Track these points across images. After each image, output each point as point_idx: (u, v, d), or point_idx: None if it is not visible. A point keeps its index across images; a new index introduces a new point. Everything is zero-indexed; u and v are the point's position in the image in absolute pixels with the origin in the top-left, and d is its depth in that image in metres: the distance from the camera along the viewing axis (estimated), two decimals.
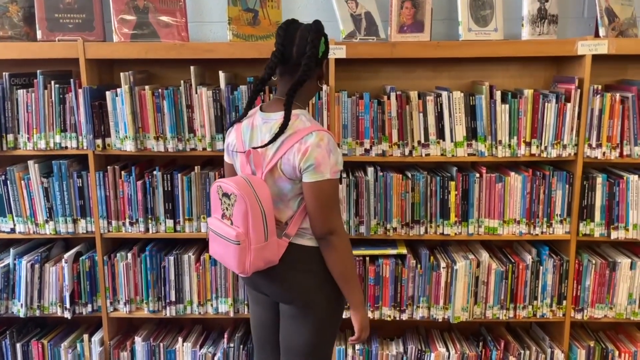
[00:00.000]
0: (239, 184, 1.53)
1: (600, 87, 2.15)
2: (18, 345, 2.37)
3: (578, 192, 2.20)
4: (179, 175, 2.24)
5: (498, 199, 2.24)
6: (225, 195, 1.57)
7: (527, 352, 2.31)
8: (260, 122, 1.61)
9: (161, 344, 2.38)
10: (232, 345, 2.36)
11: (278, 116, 1.57)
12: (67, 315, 2.31)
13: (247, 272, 1.56)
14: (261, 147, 1.56)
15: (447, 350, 2.32)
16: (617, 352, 2.33)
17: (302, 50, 1.54)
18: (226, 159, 1.75)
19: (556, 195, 2.23)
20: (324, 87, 2.14)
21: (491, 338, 2.40)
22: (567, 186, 2.22)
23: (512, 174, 2.22)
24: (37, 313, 2.33)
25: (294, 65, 1.56)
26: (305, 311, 1.65)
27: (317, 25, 1.60)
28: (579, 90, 2.14)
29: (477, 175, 2.22)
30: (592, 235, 2.24)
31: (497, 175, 2.22)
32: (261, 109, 1.64)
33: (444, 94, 2.16)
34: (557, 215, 2.24)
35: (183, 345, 2.37)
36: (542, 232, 2.26)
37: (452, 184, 2.22)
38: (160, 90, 2.18)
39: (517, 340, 2.39)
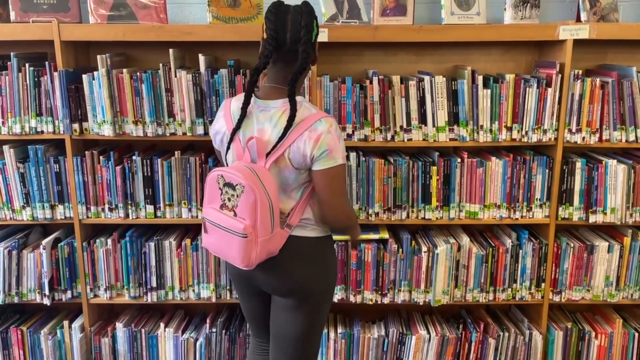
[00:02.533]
0: (245, 173, 1.48)
1: (580, 72, 2.16)
2: None
3: (558, 176, 2.22)
4: (159, 160, 2.21)
5: (479, 183, 2.25)
6: (229, 185, 1.51)
7: (506, 334, 2.35)
8: (257, 109, 1.57)
9: (143, 330, 2.37)
10: (214, 330, 2.36)
11: (278, 104, 1.55)
12: (47, 301, 2.28)
13: (251, 265, 1.53)
14: (278, 141, 1.51)
15: (428, 332, 2.35)
16: (593, 333, 2.38)
17: (297, 36, 1.50)
18: (216, 146, 1.73)
19: (536, 179, 2.24)
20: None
21: (471, 320, 2.43)
22: (547, 171, 2.24)
23: (493, 158, 2.23)
24: (16, 300, 2.30)
25: (288, 52, 1.52)
26: (301, 302, 1.64)
27: (308, 7, 1.55)
28: (559, 75, 2.14)
29: (459, 160, 2.23)
30: (571, 219, 2.27)
31: (478, 160, 2.23)
32: (256, 96, 1.59)
33: (426, 78, 2.15)
34: (536, 199, 2.26)
35: (165, 331, 2.37)
36: (522, 217, 2.28)
37: (434, 168, 2.22)
38: (138, 73, 2.13)
39: (496, 322, 2.43)
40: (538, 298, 2.34)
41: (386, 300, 2.33)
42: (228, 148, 1.63)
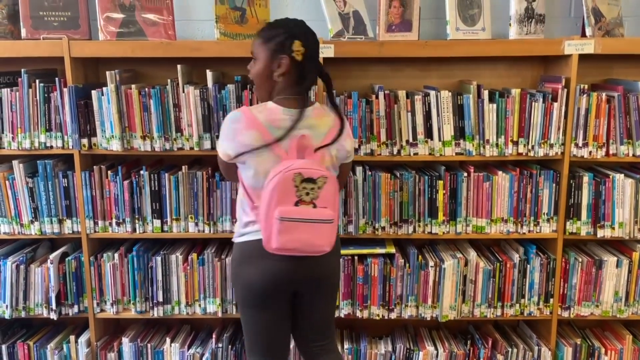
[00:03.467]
0: (320, 165, 1.65)
1: (586, 86, 2.16)
2: (3, 347, 2.34)
3: (565, 190, 2.22)
4: (166, 174, 2.22)
5: (486, 197, 2.24)
6: (309, 180, 1.61)
7: (515, 350, 2.32)
8: (289, 119, 1.66)
9: (149, 345, 2.36)
10: (220, 345, 2.35)
11: (310, 112, 1.69)
12: (53, 316, 2.29)
13: (330, 248, 1.68)
14: (332, 141, 1.70)
15: (436, 348, 2.33)
16: (603, 350, 2.35)
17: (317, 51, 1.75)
18: (233, 159, 1.70)
19: (543, 194, 2.24)
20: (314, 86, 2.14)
21: (479, 336, 2.41)
22: (554, 185, 2.23)
23: (500, 173, 2.23)
24: (23, 314, 2.30)
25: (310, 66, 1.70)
26: (334, 289, 1.88)
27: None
28: (565, 90, 2.15)
29: (465, 174, 2.23)
30: (579, 233, 2.25)
31: (484, 175, 2.23)
32: (279, 105, 1.69)
33: (432, 93, 2.16)
34: (544, 214, 2.25)
35: (171, 346, 2.36)
36: (529, 231, 2.27)
37: (440, 183, 2.22)
38: (146, 89, 2.16)
39: (504, 339, 2.40)
40: (546, 314, 2.32)
41: (393, 316, 2.31)
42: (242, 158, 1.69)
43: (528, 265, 2.28)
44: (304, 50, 1.65)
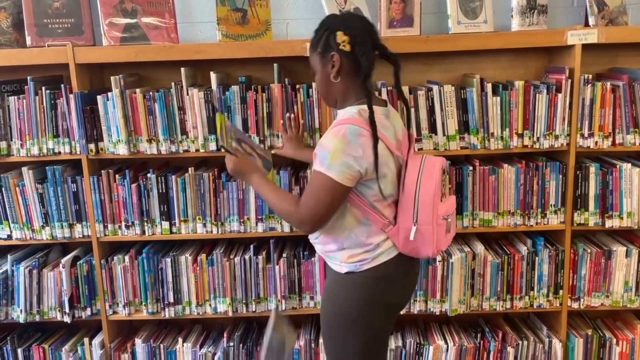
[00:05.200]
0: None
1: (591, 76, 2.15)
2: (19, 351, 2.39)
3: (571, 182, 2.21)
4: (173, 177, 2.24)
5: (492, 191, 2.24)
6: (444, 171, 1.71)
7: (525, 342, 2.32)
8: (384, 118, 1.61)
9: (161, 345, 2.39)
10: (232, 344, 2.37)
11: (390, 109, 1.70)
12: (67, 319, 2.32)
13: None
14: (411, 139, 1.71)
15: (446, 343, 2.33)
16: (614, 340, 2.34)
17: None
18: (365, 179, 1.56)
19: (550, 185, 2.23)
20: (313, 84, 2.15)
21: (489, 329, 2.41)
22: (560, 176, 2.22)
23: (505, 165, 2.23)
24: (37, 318, 2.34)
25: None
26: None
27: None
28: (569, 80, 2.14)
29: (470, 168, 2.23)
30: (587, 224, 2.24)
31: (490, 168, 2.23)
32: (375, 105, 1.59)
33: (435, 88, 2.16)
34: (551, 205, 2.25)
35: (183, 346, 2.39)
36: (536, 223, 2.26)
37: (446, 177, 2.22)
38: (151, 92, 2.18)
39: (514, 331, 2.40)
40: (556, 305, 2.31)
41: (403, 311, 2.31)
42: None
43: (536, 258, 2.27)
44: (349, 38, 1.55)
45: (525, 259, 2.27)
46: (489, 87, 2.16)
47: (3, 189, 2.25)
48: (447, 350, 2.32)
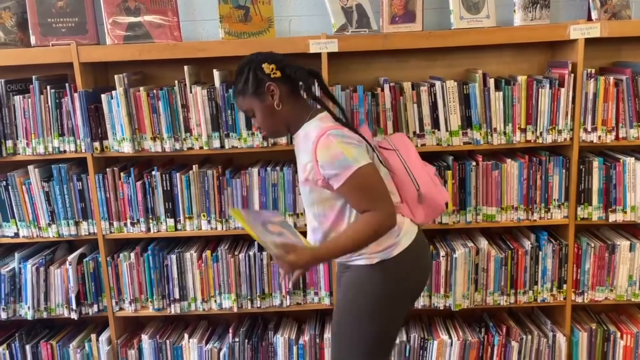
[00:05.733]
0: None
1: (594, 70, 2.14)
2: (27, 347, 2.41)
3: (575, 176, 2.21)
4: (178, 174, 2.26)
5: (495, 186, 2.24)
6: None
7: (529, 337, 2.33)
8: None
9: (167, 341, 2.42)
10: (237, 339, 2.39)
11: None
12: (74, 316, 2.35)
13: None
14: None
15: (450, 337, 2.34)
16: (619, 334, 2.34)
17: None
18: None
19: (553, 180, 2.23)
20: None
21: (493, 324, 2.42)
22: (563, 171, 2.22)
23: (509, 160, 2.23)
24: (45, 315, 2.37)
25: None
26: None
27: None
28: (572, 75, 2.13)
29: (474, 163, 2.23)
30: (591, 218, 2.25)
31: (493, 163, 2.23)
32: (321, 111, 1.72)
33: (438, 83, 2.16)
34: (554, 200, 2.25)
35: (189, 342, 2.41)
36: (540, 218, 2.27)
37: (449, 173, 2.23)
38: (155, 91, 2.19)
39: (519, 325, 2.41)
40: (560, 299, 2.32)
41: None
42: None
43: (540, 252, 2.28)
44: (274, 65, 1.62)
45: (529, 253, 2.27)
46: (491, 82, 2.17)
47: (10, 187, 2.28)
48: (451, 344, 2.33)
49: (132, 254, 2.33)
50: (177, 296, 2.35)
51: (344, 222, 1.67)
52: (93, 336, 2.42)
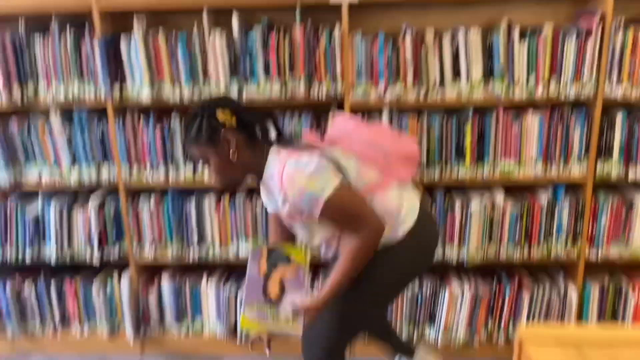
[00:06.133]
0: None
1: (623, 21, 2.07)
2: (52, 285, 2.51)
3: (597, 131, 2.17)
4: None
5: (515, 140, 2.22)
6: None
7: (541, 290, 2.36)
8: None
9: (186, 284, 2.49)
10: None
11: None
12: (96, 258, 2.42)
13: None
14: None
15: (462, 288, 2.38)
16: (631, 290, 2.36)
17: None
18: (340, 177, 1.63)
19: (574, 134, 2.20)
20: (336, 28, 2.12)
21: (506, 276, 2.44)
22: (585, 125, 2.19)
23: (530, 113, 2.20)
24: (68, 257, 2.44)
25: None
26: None
27: None
28: (600, 25, 2.07)
29: (494, 116, 2.20)
30: (610, 174, 2.22)
31: (514, 116, 2.20)
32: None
33: (461, 33, 2.11)
34: (574, 155, 2.22)
35: (207, 285, 2.48)
36: (558, 173, 2.25)
37: (468, 126, 2.20)
38: (174, 33, 2.17)
39: (531, 278, 2.43)
40: (574, 255, 2.32)
41: None
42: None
43: (557, 207, 2.27)
44: (229, 111, 1.55)
45: (545, 208, 2.27)
46: (516, 32, 2.11)
47: (32, 130, 2.31)
48: (463, 295, 2.36)
49: (152, 200, 2.38)
50: (195, 242, 2.40)
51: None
52: (115, 278, 2.50)
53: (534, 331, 0.77)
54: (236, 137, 1.56)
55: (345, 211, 1.55)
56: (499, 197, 2.28)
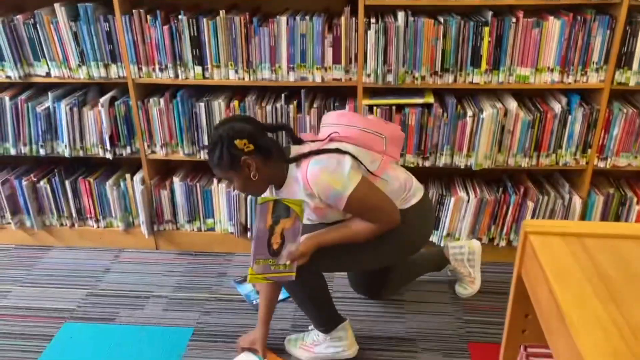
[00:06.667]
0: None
1: None
2: (67, 182, 2.58)
3: (619, 37, 2.09)
4: (205, 20, 2.20)
5: (533, 45, 2.15)
6: None
7: (546, 198, 2.39)
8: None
9: (198, 184, 2.55)
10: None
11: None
12: (109, 156, 2.46)
13: None
14: None
15: (467, 194, 2.42)
16: (635, 199, 2.39)
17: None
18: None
19: (595, 41, 2.13)
20: None
21: (512, 184, 2.47)
22: (608, 31, 2.11)
23: (551, 18, 2.11)
24: (81, 154, 2.49)
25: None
26: None
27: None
28: None
29: (514, 20, 2.12)
30: (628, 84, 2.17)
31: (534, 20, 2.12)
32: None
33: None
34: (593, 62, 2.16)
35: (218, 186, 2.53)
36: (575, 81, 2.20)
37: (486, 29, 2.13)
38: None
39: (537, 187, 2.46)
40: (582, 164, 2.33)
41: (427, 164, 2.38)
42: None
43: (570, 116, 2.25)
44: (247, 139, 1.69)
45: (558, 117, 2.25)
46: None
47: (38, 25, 2.26)
48: (468, 201, 2.41)
49: (162, 100, 2.37)
50: (205, 143, 2.43)
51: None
52: (128, 176, 2.55)
53: (538, 223, 0.80)
54: (255, 161, 1.73)
55: (368, 204, 1.75)
56: (512, 104, 2.26)
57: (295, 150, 1.83)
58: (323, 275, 1.92)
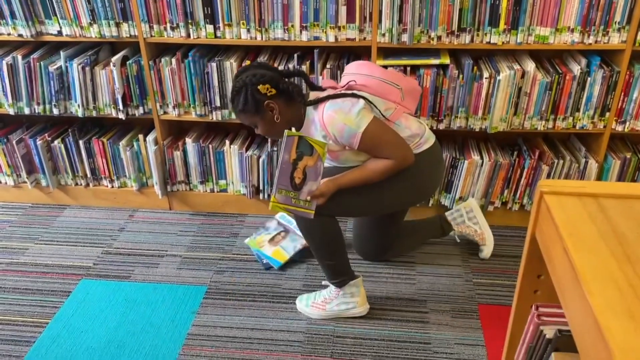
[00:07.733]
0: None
1: None
2: (81, 142, 2.59)
3: None
4: None
5: (554, 4, 2.08)
6: None
7: (561, 162, 2.36)
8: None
9: (210, 146, 2.55)
10: (275, 148, 2.50)
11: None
12: (122, 116, 2.46)
13: None
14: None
15: (481, 157, 2.40)
16: None
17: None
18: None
19: (618, 0, 2.05)
20: None
21: (527, 148, 2.44)
22: None
23: None
24: (94, 113, 2.49)
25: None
26: None
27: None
28: None
29: None
30: None
31: None
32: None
33: None
34: (615, 22, 2.09)
35: (230, 148, 2.53)
36: (596, 42, 2.14)
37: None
38: None
39: (552, 150, 2.43)
40: (600, 127, 2.29)
41: (442, 127, 2.36)
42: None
43: (589, 78, 2.19)
44: (269, 84, 1.78)
45: (577, 79, 2.20)
46: None
47: None
48: (482, 165, 2.39)
49: (173, 60, 2.35)
50: (217, 104, 2.41)
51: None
52: (140, 136, 2.56)
53: (554, 183, 0.78)
54: (277, 104, 1.82)
55: (381, 141, 1.82)
56: (530, 65, 2.20)
57: (314, 95, 1.92)
58: (338, 223, 1.96)
